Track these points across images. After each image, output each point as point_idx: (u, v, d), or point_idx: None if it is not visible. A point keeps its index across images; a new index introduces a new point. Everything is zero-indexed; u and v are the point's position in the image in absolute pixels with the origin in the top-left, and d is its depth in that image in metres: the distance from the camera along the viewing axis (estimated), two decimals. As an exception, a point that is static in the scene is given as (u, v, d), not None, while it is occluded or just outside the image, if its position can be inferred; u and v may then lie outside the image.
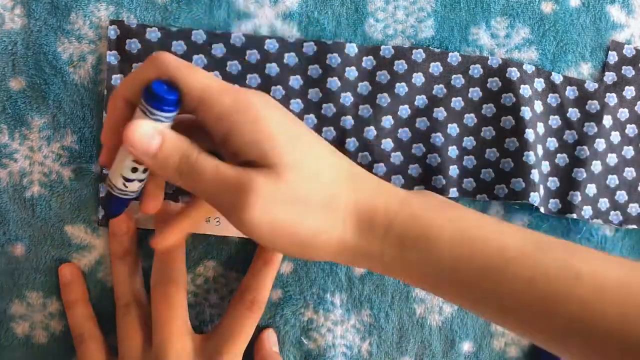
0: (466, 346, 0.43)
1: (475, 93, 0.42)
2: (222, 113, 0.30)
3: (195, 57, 0.40)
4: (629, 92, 0.43)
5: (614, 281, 0.29)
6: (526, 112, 0.41)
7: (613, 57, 0.43)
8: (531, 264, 0.30)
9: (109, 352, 0.39)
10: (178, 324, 0.37)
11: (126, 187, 0.34)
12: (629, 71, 0.43)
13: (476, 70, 0.41)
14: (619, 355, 0.28)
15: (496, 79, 0.41)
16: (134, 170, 0.33)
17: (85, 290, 0.40)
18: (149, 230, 0.40)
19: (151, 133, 0.30)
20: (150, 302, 0.38)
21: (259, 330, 0.42)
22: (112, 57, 0.39)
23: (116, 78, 0.39)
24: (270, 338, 0.41)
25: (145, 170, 0.33)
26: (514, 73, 0.41)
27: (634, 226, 0.43)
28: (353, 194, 0.32)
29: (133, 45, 0.39)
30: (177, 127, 0.32)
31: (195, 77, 0.30)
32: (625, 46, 0.43)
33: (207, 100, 0.30)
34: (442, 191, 0.41)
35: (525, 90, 0.41)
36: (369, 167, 0.41)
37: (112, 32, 0.39)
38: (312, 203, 0.31)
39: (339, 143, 0.41)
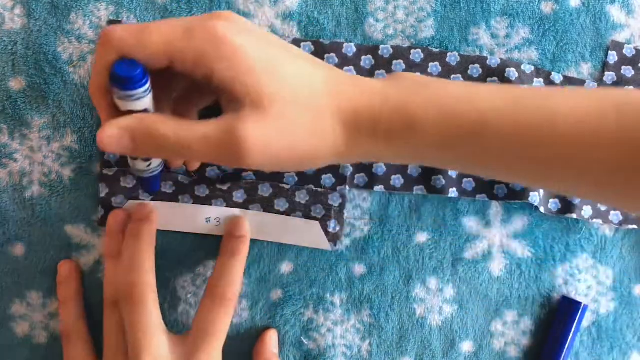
0: (466, 346, 0.43)
1: (475, 93, 0.42)
2: (196, 60, 0.30)
3: (195, 57, 0.40)
4: (629, 92, 0.43)
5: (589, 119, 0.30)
6: (526, 112, 0.41)
7: (613, 57, 0.43)
8: (511, 121, 0.31)
9: (95, 353, 0.39)
10: (150, 323, 0.36)
11: (149, 165, 0.35)
12: (628, 71, 0.43)
13: (475, 70, 0.41)
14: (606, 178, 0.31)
15: (495, 78, 0.41)
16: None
17: (79, 288, 0.40)
18: (149, 230, 0.40)
19: (117, 133, 0.30)
20: (123, 314, 0.36)
21: (261, 330, 0.42)
22: (112, 57, 0.39)
23: (116, 78, 0.39)
24: (271, 339, 0.41)
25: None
26: (512, 73, 0.41)
27: (634, 226, 0.43)
28: (336, 102, 0.32)
29: (133, 45, 0.39)
30: (162, 79, 0.32)
31: (151, 41, 0.29)
32: (625, 46, 0.43)
33: (174, 56, 0.30)
34: (442, 191, 0.41)
35: (525, 90, 0.41)
36: (368, 167, 0.41)
37: (112, 32, 0.39)
38: (302, 126, 0.31)
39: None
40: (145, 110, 0.31)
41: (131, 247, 0.37)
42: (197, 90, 0.36)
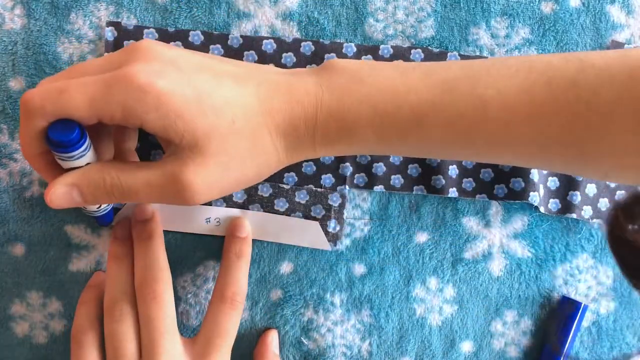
0: (466, 346, 0.43)
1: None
2: (124, 115, 0.29)
3: (195, 57, 0.40)
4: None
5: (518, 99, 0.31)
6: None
7: (613, 57, 0.43)
8: (444, 113, 0.32)
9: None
10: (168, 322, 0.36)
11: (99, 207, 0.36)
12: (629, 71, 0.43)
13: (475, 70, 0.41)
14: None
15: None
16: None
17: (101, 296, 0.38)
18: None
19: (65, 190, 0.31)
20: (140, 312, 0.36)
21: (261, 330, 0.42)
22: (111, 57, 0.39)
23: (116, 78, 0.39)
24: (273, 340, 0.41)
25: None
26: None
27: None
28: (271, 119, 0.32)
29: (133, 45, 0.39)
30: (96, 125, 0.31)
31: (73, 105, 0.29)
32: (625, 46, 0.43)
33: (100, 114, 0.29)
34: (442, 191, 0.41)
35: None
36: (367, 167, 0.41)
37: (109, 33, 0.39)
38: (243, 155, 0.32)
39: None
40: (88, 163, 0.32)
41: (146, 246, 0.38)
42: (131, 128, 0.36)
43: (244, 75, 0.33)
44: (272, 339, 0.41)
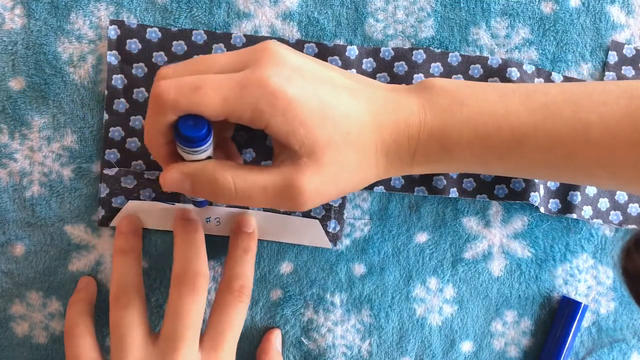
0: (466, 346, 0.43)
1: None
2: (252, 116, 0.30)
3: (195, 57, 0.40)
4: (629, 92, 0.43)
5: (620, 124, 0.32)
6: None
7: (613, 57, 0.43)
8: (545, 137, 0.32)
9: (99, 349, 0.38)
10: (196, 318, 0.36)
11: None
12: (629, 71, 0.43)
13: (476, 70, 0.41)
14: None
15: (496, 78, 0.41)
16: None
17: (93, 295, 0.40)
18: (151, 230, 0.40)
19: (179, 177, 0.32)
20: (171, 291, 0.36)
21: (262, 330, 0.42)
22: (112, 57, 0.39)
23: (116, 78, 0.39)
24: (276, 338, 0.41)
25: None
26: (514, 73, 0.41)
27: (634, 226, 0.43)
28: (379, 135, 0.33)
29: (133, 45, 0.39)
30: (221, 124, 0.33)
31: (206, 102, 0.30)
32: (625, 46, 0.43)
33: (231, 113, 0.30)
34: (443, 192, 0.41)
35: (525, 91, 0.41)
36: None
37: (112, 32, 0.39)
38: (351, 167, 0.33)
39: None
40: (206, 158, 0.33)
41: (190, 239, 0.38)
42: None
43: (357, 89, 0.33)
44: (276, 337, 0.41)
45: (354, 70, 0.40)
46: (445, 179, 0.41)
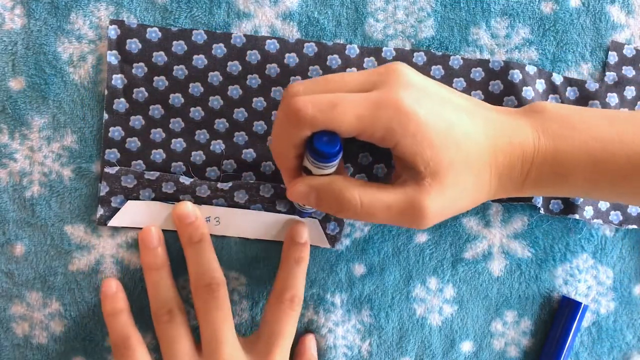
0: (466, 346, 0.43)
1: (477, 96, 0.42)
2: (384, 136, 0.31)
3: (195, 57, 0.40)
4: (630, 92, 0.43)
5: None
6: (527, 113, 0.41)
7: (613, 57, 0.43)
8: None
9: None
10: (225, 316, 0.38)
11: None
12: (629, 71, 0.43)
13: (477, 73, 0.41)
14: None
15: (498, 81, 0.41)
16: None
17: (127, 300, 0.39)
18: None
19: (306, 190, 0.33)
20: (197, 308, 0.38)
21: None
22: (112, 57, 0.39)
23: (116, 78, 0.39)
24: (312, 342, 0.42)
25: None
26: (516, 75, 0.41)
27: (634, 226, 0.43)
28: (494, 158, 0.34)
29: (134, 45, 0.39)
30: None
31: (343, 120, 0.31)
32: (625, 46, 0.43)
33: (364, 131, 0.31)
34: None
35: (527, 92, 0.41)
36: (369, 168, 0.41)
37: (113, 31, 0.39)
38: (469, 188, 0.33)
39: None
40: (332, 172, 0.34)
41: (198, 249, 0.39)
42: None
43: (474, 111, 0.34)
44: (311, 340, 0.42)
45: (354, 69, 0.40)
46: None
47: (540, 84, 0.42)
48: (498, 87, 0.41)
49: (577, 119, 0.35)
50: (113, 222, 0.40)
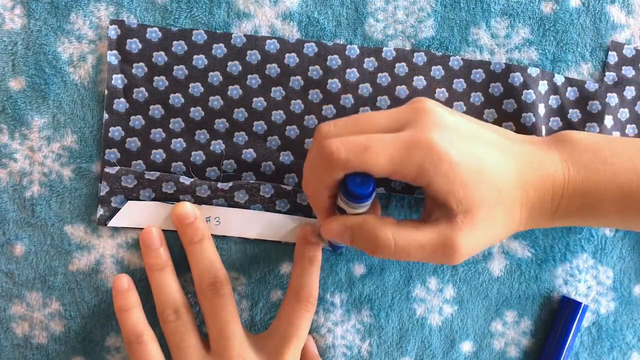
0: (466, 346, 0.43)
1: (477, 98, 0.42)
2: (416, 176, 0.31)
3: (195, 57, 0.40)
4: (630, 92, 0.43)
5: None
6: (528, 118, 0.41)
7: (613, 57, 0.43)
8: None
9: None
10: (231, 312, 0.38)
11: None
12: (629, 71, 0.43)
13: (478, 75, 0.41)
14: None
15: (498, 84, 0.41)
16: None
17: (138, 297, 0.39)
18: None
19: (340, 229, 0.34)
20: (203, 307, 0.38)
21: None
22: (112, 57, 0.39)
23: (116, 78, 0.39)
24: (311, 341, 0.42)
25: None
26: (517, 78, 0.41)
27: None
28: (524, 193, 0.34)
29: (134, 45, 0.39)
30: None
31: (376, 163, 0.31)
32: (625, 46, 0.43)
33: (396, 172, 0.31)
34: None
35: (528, 96, 0.41)
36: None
37: (113, 32, 0.39)
38: (499, 223, 0.34)
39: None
40: (366, 211, 0.34)
41: (200, 249, 0.39)
42: None
43: (505, 145, 0.34)
44: (310, 340, 0.42)
45: (355, 70, 0.41)
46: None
47: (543, 85, 0.42)
48: (498, 89, 0.41)
49: (607, 150, 0.35)
50: (113, 222, 0.40)
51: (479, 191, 0.32)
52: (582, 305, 0.42)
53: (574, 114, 0.42)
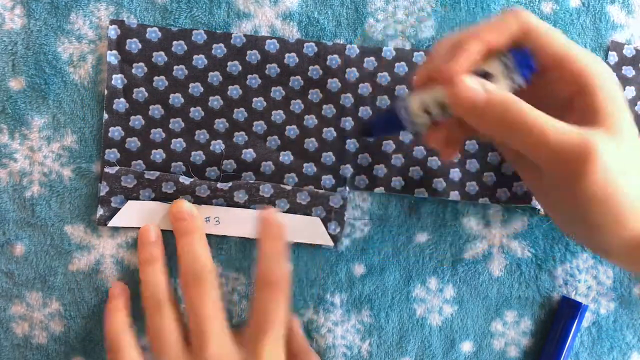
0: (466, 346, 0.43)
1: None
2: (575, 78, 0.31)
3: (195, 57, 0.40)
4: (630, 92, 0.43)
5: None
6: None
7: (613, 57, 0.43)
8: None
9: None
10: (212, 307, 0.36)
11: (416, 115, 0.34)
12: (629, 71, 0.43)
13: (477, 72, 0.41)
14: None
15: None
16: (442, 106, 0.33)
17: (128, 302, 0.40)
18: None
19: (476, 89, 0.31)
20: (185, 301, 0.37)
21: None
22: (112, 57, 0.39)
23: (116, 78, 0.39)
24: (297, 325, 0.41)
25: (437, 117, 0.34)
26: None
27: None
28: None
29: (134, 45, 0.39)
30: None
31: (555, 43, 0.32)
32: (625, 46, 0.43)
33: (562, 66, 0.31)
34: (443, 194, 0.41)
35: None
36: (368, 168, 0.41)
37: (113, 31, 0.39)
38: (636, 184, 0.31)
39: (339, 144, 0.41)
40: None
41: (187, 241, 0.38)
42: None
43: None
44: (296, 324, 0.41)
45: (354, 69, 0.40)
46: (446, 182, 0.41)
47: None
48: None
49: None
50: (113, 222, 0.40)
51: (627, 117, 0.31)
52: (582, 305, 0.42)
53: (574, 114, 0.42)
